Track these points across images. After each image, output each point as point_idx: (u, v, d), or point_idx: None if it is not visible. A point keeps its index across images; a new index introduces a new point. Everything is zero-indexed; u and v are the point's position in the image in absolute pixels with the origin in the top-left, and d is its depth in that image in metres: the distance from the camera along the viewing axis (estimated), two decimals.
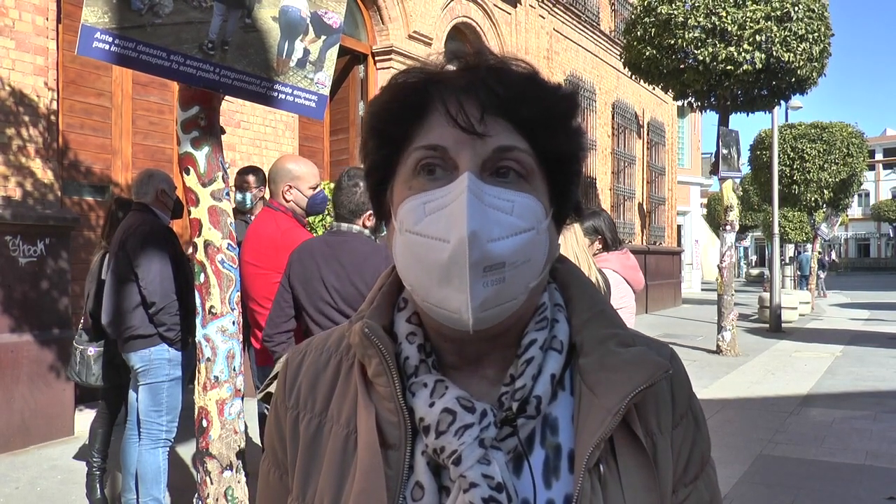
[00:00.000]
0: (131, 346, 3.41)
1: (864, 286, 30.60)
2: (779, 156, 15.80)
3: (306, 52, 2.68)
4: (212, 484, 2.48)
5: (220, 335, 2.50)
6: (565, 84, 13.85)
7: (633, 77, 11.51)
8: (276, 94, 2.62)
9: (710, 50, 9.46)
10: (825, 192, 18.72)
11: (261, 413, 3.47)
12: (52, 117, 5.49)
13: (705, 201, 30.87)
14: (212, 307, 2.49)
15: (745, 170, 18.99)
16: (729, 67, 9.49)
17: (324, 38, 2.73)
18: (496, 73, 0.69)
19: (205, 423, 2.49)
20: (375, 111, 0.73)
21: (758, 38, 9.31)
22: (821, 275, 23.32)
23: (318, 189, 3.31)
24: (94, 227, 6.03)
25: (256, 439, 4.31)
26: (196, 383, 2.54)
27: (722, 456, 4.99)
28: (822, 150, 18.38)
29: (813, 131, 18.62)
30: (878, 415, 6.51)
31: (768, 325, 13.49)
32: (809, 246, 22.18)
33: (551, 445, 0.70)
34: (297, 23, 2.62)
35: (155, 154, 6.71)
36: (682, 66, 9.95)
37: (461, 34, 10.84)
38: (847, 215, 45.32)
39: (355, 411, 0.73)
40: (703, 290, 26.64)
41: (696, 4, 9.53)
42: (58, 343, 5.29)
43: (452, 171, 0.68)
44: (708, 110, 11.21)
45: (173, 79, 2.36)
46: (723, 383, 8.07)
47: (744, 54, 9.36)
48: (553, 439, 0.70)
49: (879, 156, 60.56)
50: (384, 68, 8.96)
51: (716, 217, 26.18)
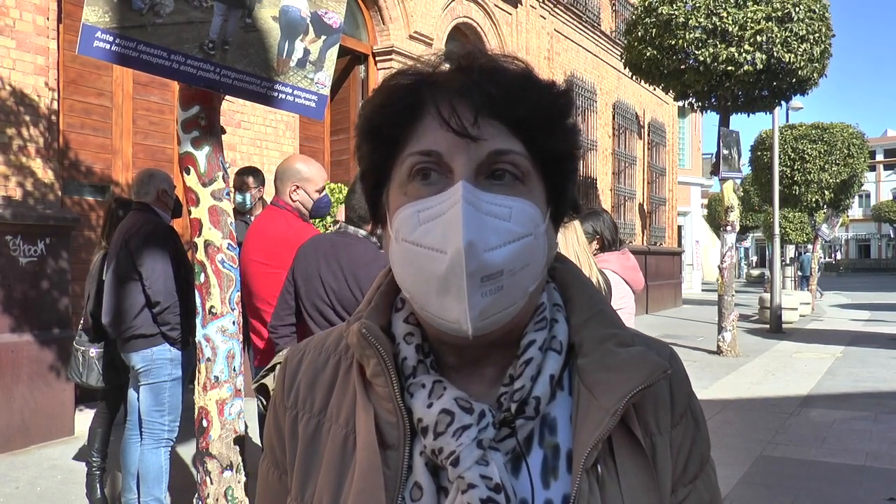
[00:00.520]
0: (133, 346, 3.41)
1: (865, 287, 30.59)
2: (779, 156, 15.79)
3: (306, 52, 2.68)
4: (212, 484, 2.48)
5: (220, 335, 2.50)
6: (565, 84, 13.92)
7: (634, 77, 11.51)
8: (276, 94, 2.62)
9: (711, 50, 9.46)
10: (826, 192, 18.73)
11: (261, 413, 3.47)
12: (53, 117, 5.49)
13: (706, 202, 30.87)
14: (212, 307, 2.50)
15: (746, 170, 18.99)
16: (730, 68, 9.49)
17: (324, 37, 2.73)
18: (489, 73, 0.68)
19: (205, 424, 2.50)
20: (368, 114, 0.72)
21: (758, 38, 9.31)
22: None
23: (323, 192, 3.30)
24: (94, 227, 6.03)
25: (256, 439, 4.31)
26: (196, 383, 2.54)
27: (722, 457, 4.99)
28: (822, 150, 18.38)
29: (814, 132, 18.63)
30: (878, 416, 6.50)
31: (769, 326, 13.48)
32: (811, 246, 22.16)
33: (550, 445, 0.70)
34: (297, 23, 2.62)
35: (155, 154, 6.71)
36: (682, 66, 9.95)
37: (462, 34, 10.84)
38: (848, 216, 45.28)
39: (354, 411, 0.73)
40: (703, 290, 26.64)
41: (697, 5, 9.53)
42: (58, 343, 5.30)
43: (447, 175, 0.67)
44: (708, 111, 11.21)
45: (174, 78, 2.36)
46: (723, 384, 8.07)
47: (744, 55, 9.36)
48: (551, 439, 0.70)
49: (880, 156, 60.56)
50: (385, 68, 8.95)
51: (716, 218, 26.15)
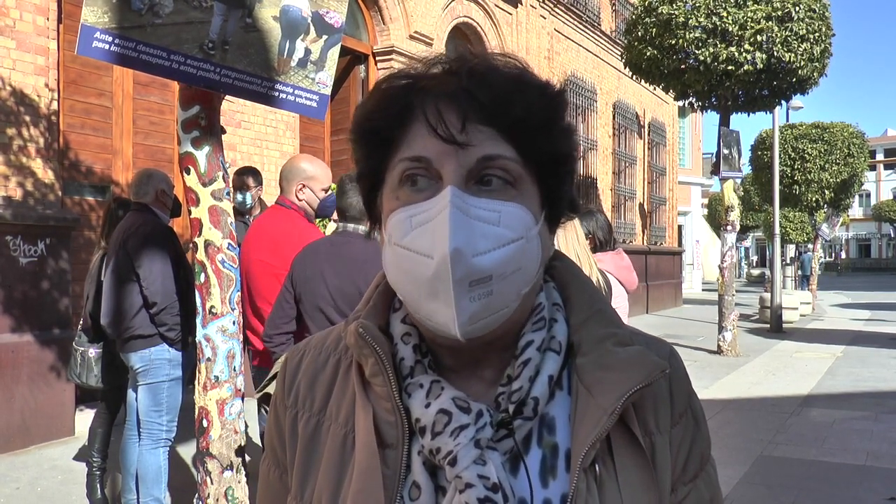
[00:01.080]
0: (131, 347, 3.41)
1: (865, 286, 30.58)
2: (780, 156, 15.79)
3: (307, 52, 2.68)
4: (212, 484, 2.48)
5: (220, 335, 2.50)
6: (565, 85, 13.70)
7: (634, 77, 11.51)
8: (276, 94, 2.62)
9: (711, 50, 9.45)
10: (826, 192, 18.73)
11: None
12: (53, 117, 5.49)
13: (706, 201, 30.87)
14: (212, 307, 2.49)
15: (746, 170, 18.98)
16: (730, 68, 9.48)
17: (325, 37, 2.73)
18: (479, 77, 0.67)
19: (205, 423, 2.49)
20: (360, 118, 0.72)
21: (759, 38, 9.31)
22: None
23: (329, 192, 3.30)
24: (94, 228, 6.03)
25: (256, 439, 4.31)
26: (196, 383, 2.54)
27: (722, 456, 4.98)
28: (823, 150, 18.39)
29: (814, 131, 18.63)
30: (878, 415, 6.50)
31: (769, 326, 13.48)
32: (811, 246, 22.15)
33: (548, 445, 0.70)
34: (298, 22, 2.62)
35: (155, 154, 6.71)
36: (682, 66, 9.95)
37: (462, 34, 10.84)
38: (848, 216, 45.27)
39: (353, 410, 0.73)
40: (703, 290, 26.62)
41: (697, 5, 9.53)
42: (58, 343, 5.30)
43: (437, 181, 0.66)
44: (709, 110, 11.20)
45: (174, 78, 2.36)
46: (723, 384, 8.07)
47: (745, 54, 9.35)
48: (550, 439, 0.70)
49: (880, 156, 60.55)
50: (385, 68, 8.95)
51: (716, 217, 26.16)
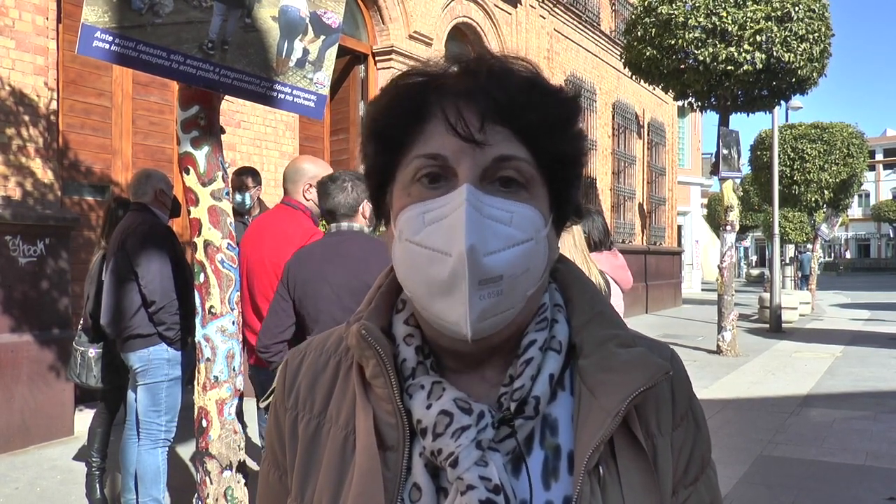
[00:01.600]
0: (130, 346, 3.41)
1: (865, 286, 30.60)
2: (779, 156, 15.80)
3: (306, 52, 2.68)
4: (211, 484, 2.48)
5: (219, 335, 2.50)
6: (566, 84, 13.76)
7: (634, 77, 11.51)
8: (275, 94, 2.62)
9: (711, 50, 9.45)
10: (825, 192, 18.73)
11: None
12: (52, 117, 5.49)
13: (705, 201, 30.87)
14: (211, 307, 2.49)
15: (746, 170, 19.00)
16: (729, 68, 9.48)
17: (323, 37, 2.73)
18: (497, 78, 0.68)
19: (204, 424, 2.49)
20: (375, 115, 0.72)
21: (758, 38, 9.31)
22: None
23: None
24: (94, 227, 6.03)
25: (256, 439, 4.31)
26: (196, 383, 2.54)
27: (722, 456, 4.98)
28: (822, 150, 18.39)
29: (813, 132, 18.63)
30: (878, 415, 6.50)
31: (768, 326, 13.48)
32: (810, 246, 22.17)
33: (551, 446, 0.70)
34: (296, 22, 2.62)
35: (155, 154, 6.71)
36: (682, 66, 9.95)
37: (462, 34, 10.84)
38: (847, 216, 45.28)
39: (354, 412, 0.73)
40: (703, 290, 26.65)
41: (697, 5, 9.53)
42: (58, 343, 5.29)
43: (452, 179, 0.67)
44: (708, 110, 11.20)
45: (173, 78, 2.36)
46: (723, 384, 8.07)
47: (744, 54, 9.35)
48: (553, 440, 0.70)
49: (880, 156, 60.57)
50: (384, 68, 8.95)
51: (716, 217, 26.15)
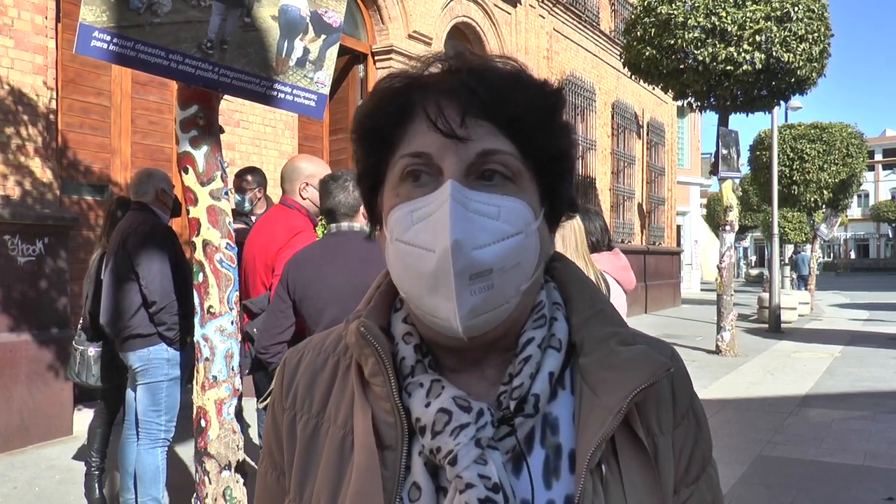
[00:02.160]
0: (130, 346, 3.41)
1: (864, 286, 30.61)
2: (778, 156, 15.80)
3: (306, 52, 2.67)
4: (210, 483, 2.47)
5: (218, 335, 2.49)
6: (564, 84, 13.67)
7: (633, 77, 11.51)
8: (275, 94, 2.61)
9: (710, 50, 9.45)
10: (825, 192, 18.74)
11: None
12: (51, 116, 5.48)
13: (705, 201, 30.90)
14: (210, 307, 2.49)
15: (745, 170, 19.00)
16: (729, 68, 9.48)
17: (324, 37, 2.72)
18: (478, 74, 0.68)
19: (203, 423, 2.49)
20: (361, 118, 0.73)
21: (757, 38, 9.31)
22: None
23: None
24: (93, 227, 6.02)
25: (255, 439, 4.31)
26: (194, 383, 2.53)
27: (721, 456, 4.97)
28: (821, 150, 18.40)
29: (812, 132, 18.64)
30: (876, 415, 6.50)
31: (767, 326, 13.48)
32: (809, 246, 22.18)
33: (552, 445, 0.70)
34: (296, 22, 2.61)
35: (154, 153, 6.71)
36: (681, 66, 9.94)
37: (461, 34, 10.84)
38: (846, 216, 45.30)
39: (352, 412, 0.72)
40: (702, 290, 26.66)
41: (696, 4, 9.52)
42: (56, 343, 5.28)
43: (438, 176, 0.67)
44: (707, 110, 11.20)
45: (172, 78, 2.35)
46: (722, 384, 8.07)
47: (743, 54, 9.35)
48: (553, 439, 0.70)
49: (879, 156, 60.60)
50: (384, 68, 8.95)
51: (715, 217, 26.18)
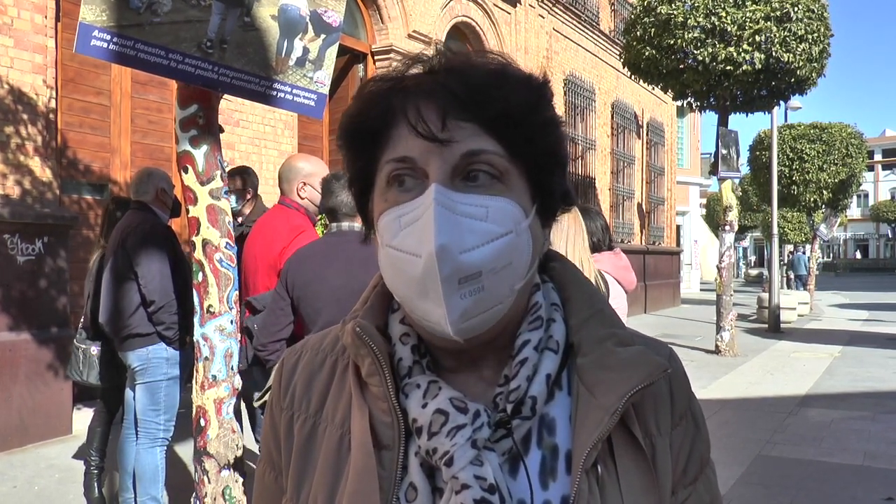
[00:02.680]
0: (129, 345, 3.40)
1: (863, 287, 30.62)
2: (778, 156, 15.81)
3: (305, 51, 2.67)
4: (209, 483, 2.47)
5: (218, 334, 2.50)
6: (564, 84, 13.61)
7: (633, 77, 11.51)
8: (275, 93, 2.61)
9: (710, 50, 9.45)
10: (824, 192, 18.75)
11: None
12: (51, 115, 5.48)
13: (704, 201, 30.91)
14: (210, 306, 2.49)
15: (745, 170, 19.01)
16: (728, 68, 9.48)
17: (323, 36, 2.73)
18: (457, 73, 0.67)
19: (202, 423, 2.49)
20: (345, 123, 0.72)
21: (757, 38, 9.31)
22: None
23: None
24: (92, 226, 6.02)
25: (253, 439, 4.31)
26: (194, 382, 2.53)
27: (720, 456, 4.99)
28: (821, 150, 18.41)
29: (812, 132, 18.65)
30: (876, 415, 6.51)
31: (767, 326, 13.49)
32: (808, 247, 22.18)
33: (548, 446, 0.69)
34: (296, 21, 2.61)
35: (154, 153, 6.71)
36: (681, 66, 9.94)
37: (461, 34, 10.84)
38: (846, 216, 45.31)
39: (350, 412, 0.72)
40: (701, 290, 26.65)
41: (696, 4, 9.52)
42: (56, 342, 5.28)
43: (423, 180, 0.66)
44: (707, 110, 11.20)
45: (172, 77, 2.35)
46: (721, 383, 8.07)
47: (743, 55, 9.35)
48: (550, 440, 0.70)
49: (878, 156, 60.62)
50: (384, 68, 8.90)
51: (715, 217, 26.19)
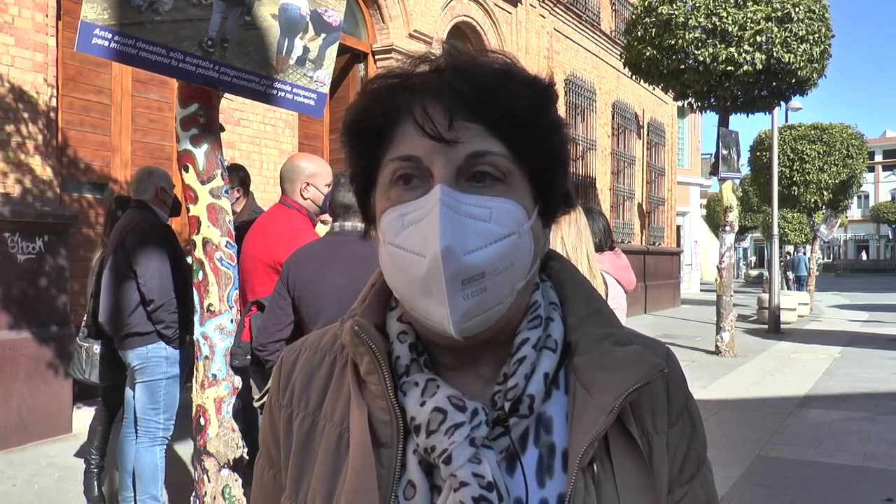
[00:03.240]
0: (129, 344, 3.41)
1: (863, 288, 30.61)
2: (778, 157, 15.79)
3: (306, 50, 2.67)
4: (209, 482, 2.48)
5: (218, 333, 2.50)
6: (565, 84, 13.60)
7: (634, 77, 11.51)
8: (275, 92, 2.62)
9: (711, 50, 9.45)
10: (825, 193, 18.73)
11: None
12: (52, 114, 5.48)
13: (705, 202, 30.89)
14: (210, 305, 2.49)
15: (745, 171, 18.99)
16: (729, 68, 9.48)
17: (323, 35, 2.73)
18: (463, 73, 0.67)
19: (202, 421, 2.49)
20: (349, 120, 0.72)
21: (758, 38, 9.31)
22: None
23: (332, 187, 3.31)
24: (93, 225, 6.03)
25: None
26: (194, 381, 2.54)
27: (720, 457, 4.99)
28: (821, 151, 18.39)
29: (813, 132, 18.63)
30: (876, 416, 6.51)
31: (767, 326, 13.48)
32: (808, 247, 22.18)
33: (545, 444, 0.70)
34: (296, 20, 2.62)
35: (154, 151, 6.71)
36: (682, 66, 9.94)
37: (462, 33, 10.84)
38: (846, 217, 45.30)
39: (348, 410, 0.72)
40: (702, 290, 26.65)
41: (697, 5, 9.52)
42: (56, 340, 5.28)
43: (428, 179, 0.66)
44: (708, 111, 11.20)
45: (173, 76, 2.36)
46: (721, 384, 8.07)
47: (744, 55, 9.35)
48: (547, 438, 0.70)
49: (879, 157, 60.57)
50: (384, 67, 8.92)
51: (715, 218, 26.17)
